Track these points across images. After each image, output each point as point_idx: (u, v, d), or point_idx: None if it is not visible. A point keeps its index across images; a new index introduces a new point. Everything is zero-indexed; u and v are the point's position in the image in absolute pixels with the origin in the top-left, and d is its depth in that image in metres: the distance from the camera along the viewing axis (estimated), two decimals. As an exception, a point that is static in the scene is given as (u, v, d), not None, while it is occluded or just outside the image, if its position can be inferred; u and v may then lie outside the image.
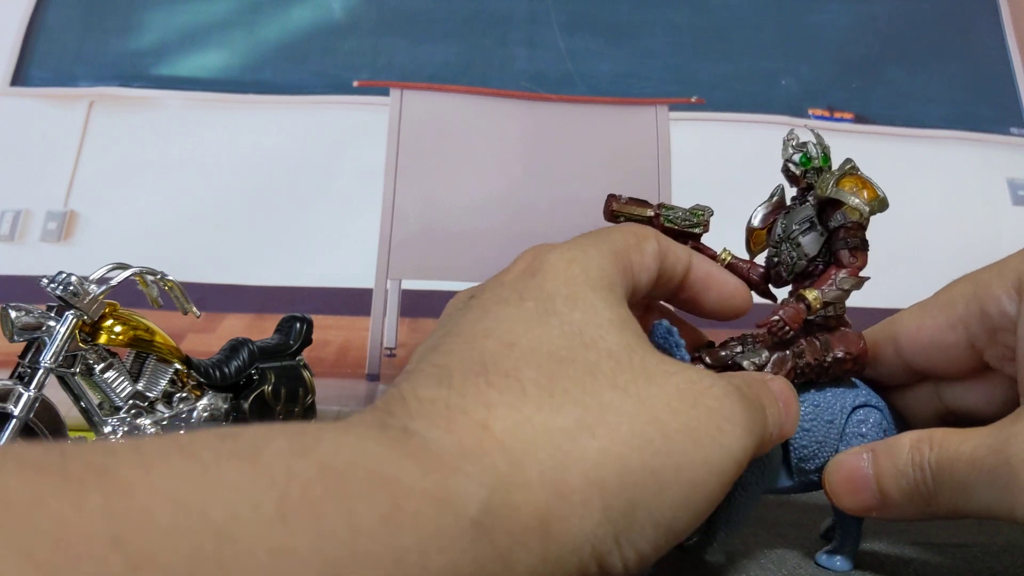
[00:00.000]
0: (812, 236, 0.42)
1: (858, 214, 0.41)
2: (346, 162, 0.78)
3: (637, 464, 0.27)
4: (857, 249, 0.42)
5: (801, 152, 0.43)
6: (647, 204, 0.45)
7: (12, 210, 0.76)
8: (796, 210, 0.43)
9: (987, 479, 0.34)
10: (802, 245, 0.42)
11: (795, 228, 0.43)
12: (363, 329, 0.73)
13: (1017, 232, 0.81)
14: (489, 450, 0.26)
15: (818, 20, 0.88)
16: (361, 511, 0.22)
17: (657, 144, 0.81)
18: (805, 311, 0.41)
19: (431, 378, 0.28)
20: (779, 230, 0.44)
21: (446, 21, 0.84)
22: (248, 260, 0.75)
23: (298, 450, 0.23)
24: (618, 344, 0.30)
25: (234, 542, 0.19)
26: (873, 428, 0.44)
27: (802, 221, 0.43)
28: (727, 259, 0.45)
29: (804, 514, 0.50)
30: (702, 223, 0.45)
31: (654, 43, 0.85)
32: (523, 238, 0.76)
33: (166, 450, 0.21)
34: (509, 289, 0.32)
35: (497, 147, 0.80)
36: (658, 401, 0.29)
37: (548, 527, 0.26)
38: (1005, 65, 0.88)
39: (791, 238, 0.43)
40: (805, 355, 0.42)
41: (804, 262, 0.42)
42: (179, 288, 0.57)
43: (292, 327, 0.62)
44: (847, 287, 0.42)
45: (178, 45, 0.82)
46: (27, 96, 0.80)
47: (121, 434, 0.53)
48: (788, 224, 0.43)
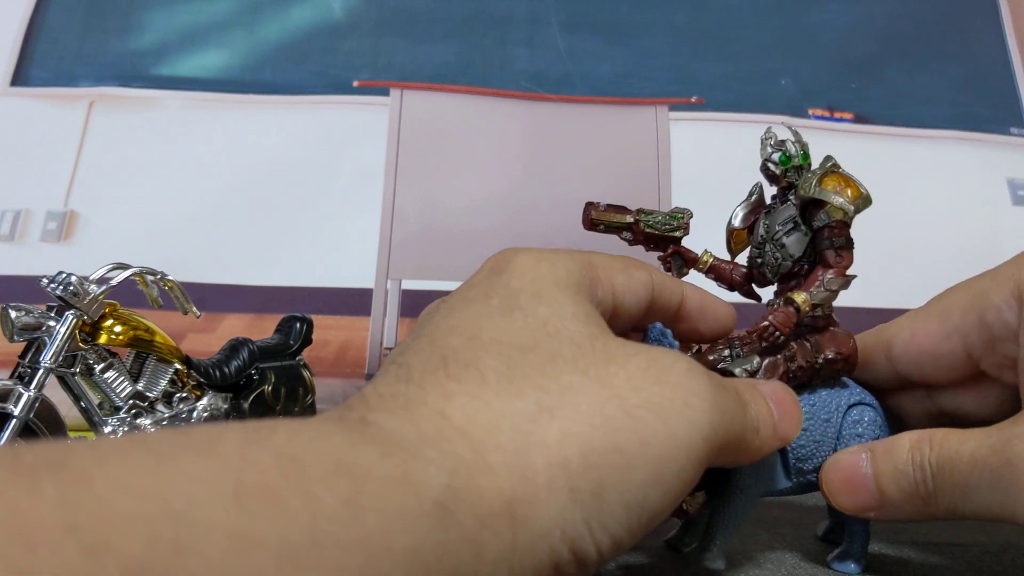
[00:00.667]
0: (796, 236, 0.42)
1: (842, 213, 0.41)
2: (346, 162, 0.78)
3: (600, 442, 0.27)
4: (843, 248, 0.42)
5: (780, 151, 0.42)
6: (626, 210, 0.44)
7: (12, 210, 0.76)
8: (778, 210, 0.43)
9: (988, 480, 0.34)
10: (786, 246, 0.42)
11: (778, 229, 0.42)
12: (363, 329, 0.73)
13: (1017, 232, 0.81)
14: (449, 437, 0.26)
15: (818, 20, 0.88)
16: (321, 495, 0.22)
17: (657, 144, 0.81)
18: (795, 314, 0.41)
19: (392, 376, 0.29)
20: (761, 230, 0.43)
21: (446, 21, 0.84)
22: (248, 260, 0.75)
23: (253, 439, 0.22)
24: (581, 333, 0.30)
25: (192, 527, 0.19)
26: (869, 426, 0.44)
27: (785, 221, 0.42)
28: (709, 261, 0.45)
29: (804, 514, 0.50)
30: (682, 226, 0.44)
31: (654, 43, 0.85)
32: (523, 238, 0.76)
33: (122, 446, 0.21)
34: (476, 289, 0.32)
35: (497, 147, 0.80)
36: (619, 379, 0.28)
37: (514, 511, 0.25)
38: (1005, 65, 0.88)
39: (775, 239, 0.42)
40: (797, 358, 0.42)
41: (789, 263, 0.42)
42: (179, 288, 0.57)
43: (292, 327, 0.62)
44: (835, 287, 0.41)
45: (178, 45, 0.82)
46: (27, 96, 0.80)
47: (121, 434, 0.53)
48: (771, 224, 0.43)
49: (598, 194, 0.46)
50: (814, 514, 0.51)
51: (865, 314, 0.76)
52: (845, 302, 0.43)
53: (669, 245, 0.45)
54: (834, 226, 0.41)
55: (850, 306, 0.43)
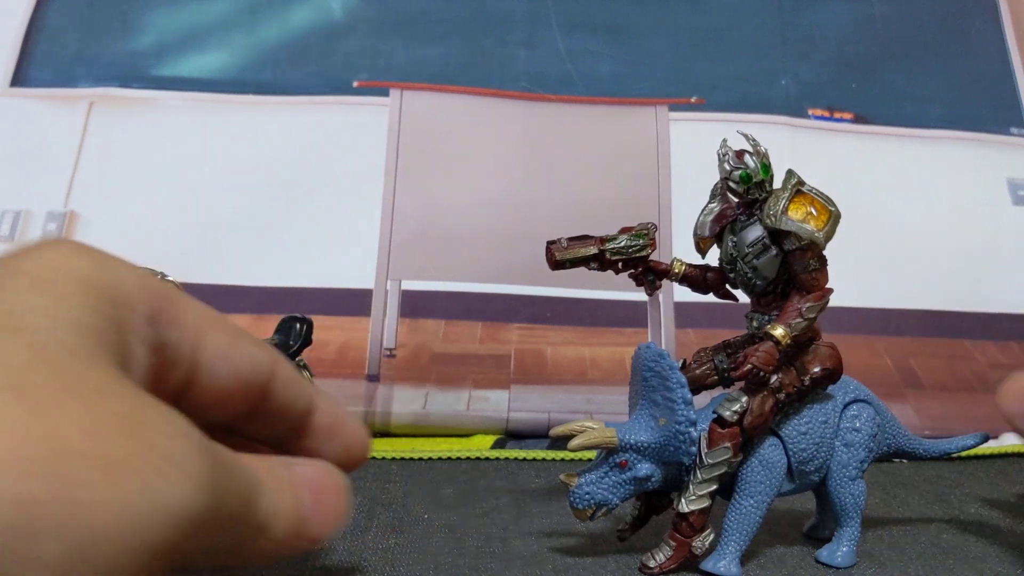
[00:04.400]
0: (767, 259, 0.41)
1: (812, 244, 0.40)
2: (346, 162, 0.78)
3: (7, 490, 0.19)
4: (816, 271, 0.41)
5: (739, 169, 0.41)
6: (589, 239, 0.44)
7: (12, 210, 0.76)
8: (746, 227, 0.42)
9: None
10: (759, 268, 0.42)
11: (748, 250, 0.42)
12: (363, 329, 0.73)
13: (1017, 232, 0.81)
14: None
15: (817, 20, 0.88)
16: None
17: (657, 144, 0.81)
18: (775, 349, 0.41)
19: None
20: (730, 247, 0.43)
21: (446, 21, 0.84)
22: (248, 260, 0.75)
23: None
24: (61, 343, 0.22)
25: None
26: (867, 423, 0.44)
27: (754, 242, 0.42)
28: (681, 270, 0.45)
29: (804, 514, 0.51)
30: (648, 243, 0.44)
31: (654, 43, 0.85)
32: (523, 238, 0.77)
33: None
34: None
35: (497, 147, 0.80)
36: (71, 417, 0.20)
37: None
38: (1005, 65, 0.88)
39: (745, 259, 0.42)
40: (784, 388, 0.42)
41: (763, 283, 0.42)
42: (179, 288, 0.57)
43: (292, 327, 0.62)
44: (813, 315, 0.41)
45: (178, 46, 0.82)
46: (27, 96, 0.80)
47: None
48: (739, 243, 0.42)
49: (598, 194, 0.46)
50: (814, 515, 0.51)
51: (865, 314, 0.76)
52: (845, 302, 0.43)
53: (639, 265, 0.44)
54: (806, 248, 0.41)
55: (851, 306, 0.43)
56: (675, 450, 0.41)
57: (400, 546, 0.45)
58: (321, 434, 0.31)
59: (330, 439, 0.31)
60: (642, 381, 0.42)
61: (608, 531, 0.46)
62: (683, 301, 0.75)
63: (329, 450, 0.31)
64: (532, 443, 0.67)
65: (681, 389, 0.41)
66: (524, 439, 0.68)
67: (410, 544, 0.46)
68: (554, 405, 0.70)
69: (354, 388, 0.70)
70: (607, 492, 0.41)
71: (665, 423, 0.41)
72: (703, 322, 0.73)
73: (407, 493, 0.54)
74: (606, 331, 0.74)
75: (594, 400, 0.71)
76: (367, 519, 0.49)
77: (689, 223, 0.46)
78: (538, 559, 0.44)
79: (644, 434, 0.41)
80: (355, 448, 0.32)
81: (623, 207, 0.77)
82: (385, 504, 0.52)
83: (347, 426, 0.32)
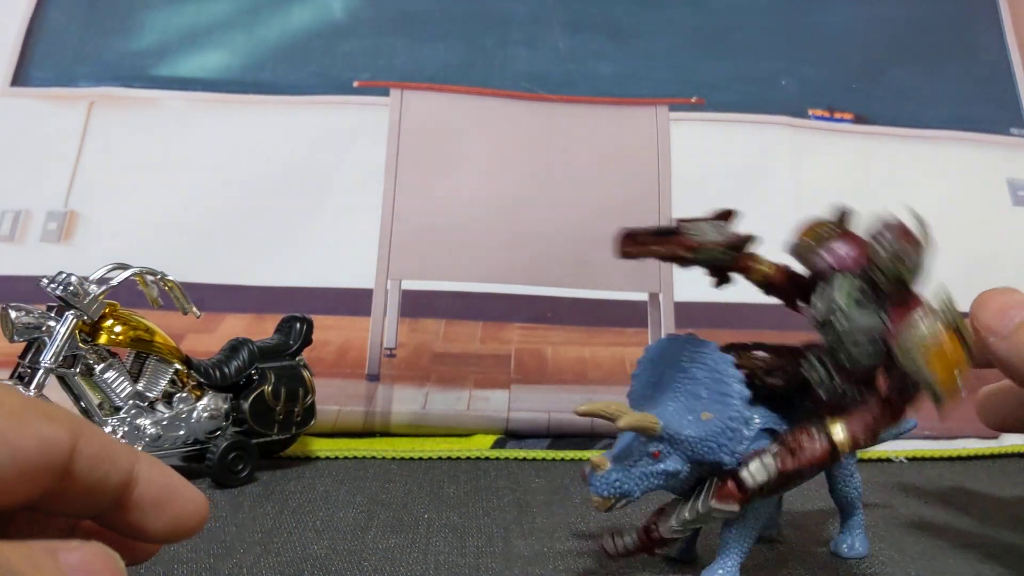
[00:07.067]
0: (874, 351, 0.36)
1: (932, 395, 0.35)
2: (346, 162, 0.78)
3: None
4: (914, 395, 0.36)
5: (893, 266, 0.36)
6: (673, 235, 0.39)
7: (12, 210, 0.76)
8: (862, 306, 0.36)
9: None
10: (857, 358, 0.36)
11: (859, 338, 0.36)
12: (363, 329, 0.73)
13: (1017, 232, 0.81)
14: None
15: (818, 20, 0.88)
16: None
17: (657, 144, 0.81)
18: (829, 453, 0.37)
19: None
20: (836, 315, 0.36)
21: (446, 21, 0.84)
22: (248, 260, 0.75)
23: None
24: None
25: None
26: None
27: (869, 330, 0.36)
28: (771, 270, 0.41)
29: (804, 515, 0.51)
30: (735, 259, 0.40)
31: (654, 43, 0.85)
32: (523, 238, 0.77)
33: None
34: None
35: (497, 147, 0.80)
36: None
37: None
38: (1005, 65, 0.88)
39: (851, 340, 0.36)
40: None
41: (852, 367, 0.37)
42: (179, 288, 0.57)
43: (292, 327, 0.62)
44: (882, 438, 0.38)
45: (178, 45, 0.82)
46: (27, 96, 0.80)
47: (121, 434, 0.53)
48: (850, 320, 0.36)
49: (598, 194, 0.46)
50: (815, 515, 0.51)
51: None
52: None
53: None
54: None
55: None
56: (717, 447, 0.38)
57: (401, 546, 0.45)
58: (146, 506, 0.28)
59: (157, 511, 0.28)
60: (678, 372, 0.40)
61: (608, 532, 0.46)
62: (683, 301, 0.75)
63: (157, 522, 0.28)
64: (532, 443, 0.67)
65: (739, 384, 0.38)
66: (524, 439, 0.68)
67: (411, 544, 0.46)
68: (554, 405, 0.70)
69: (354, 388, 0.70)
70: (634, 483, 0.39)
71: (711, 418, 0.38)
72: (703, 322, 0.73)
73: (408, 493, 0.54)
74: (606, 331, 0.74)
75: (594, 400, 0.71)
76: (367, 519, 0.49)
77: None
78: (540, 559, 0.44)
79: (687, 427, 0.38)
80: (188, 519, 0.29)
81: (623, 207, 0.77)
82: (386, 504, 0.52)
83: (178, 495, 0.29)
